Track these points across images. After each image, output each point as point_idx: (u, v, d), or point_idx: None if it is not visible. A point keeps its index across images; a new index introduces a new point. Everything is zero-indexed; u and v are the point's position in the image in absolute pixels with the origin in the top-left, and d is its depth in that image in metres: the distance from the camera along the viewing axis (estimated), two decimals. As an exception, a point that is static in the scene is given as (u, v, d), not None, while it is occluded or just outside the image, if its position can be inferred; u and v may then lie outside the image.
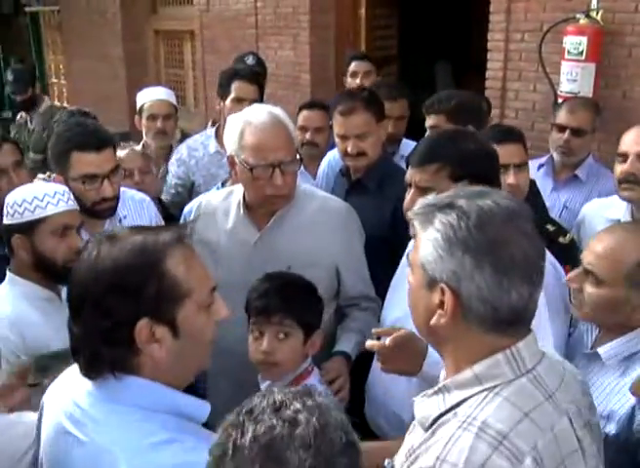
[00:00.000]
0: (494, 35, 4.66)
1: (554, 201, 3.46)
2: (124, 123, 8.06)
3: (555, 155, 3.57)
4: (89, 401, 1.50)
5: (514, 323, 1.35)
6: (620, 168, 2.77)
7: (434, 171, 2.09)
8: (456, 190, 1.47)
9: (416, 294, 1.43)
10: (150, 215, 3.16)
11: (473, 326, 1.35)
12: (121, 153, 3.67)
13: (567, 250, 2.12)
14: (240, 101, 3.83)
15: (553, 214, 3.24)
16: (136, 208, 3.09)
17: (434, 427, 1.36)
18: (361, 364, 2.52)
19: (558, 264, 2.17)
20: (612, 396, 1.95)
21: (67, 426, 1.50)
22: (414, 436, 1.44)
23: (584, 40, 3.96)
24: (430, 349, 1.85)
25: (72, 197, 2.41)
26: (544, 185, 3.43)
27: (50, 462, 1.56)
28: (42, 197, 2.32)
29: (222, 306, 1.59)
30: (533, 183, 3.03)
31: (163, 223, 3.18)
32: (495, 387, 1.34)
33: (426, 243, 1.37)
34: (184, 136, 4.57)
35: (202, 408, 1.54)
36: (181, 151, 4.19)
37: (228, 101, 4.01)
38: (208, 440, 1.20)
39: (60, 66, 11.61)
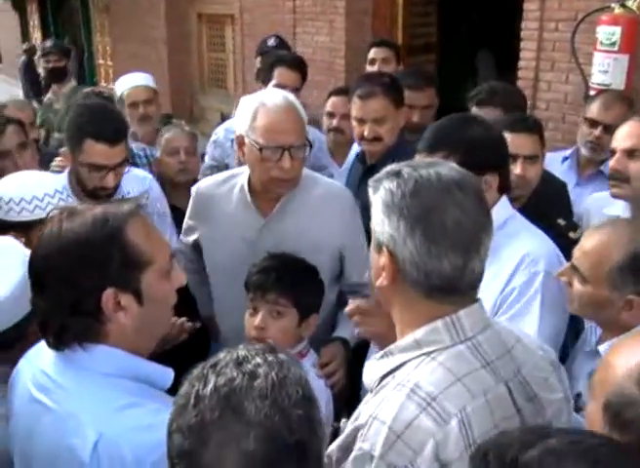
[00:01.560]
0: (527, 24, 4.56)
1: (576, 197, 3.33)
2: (166, 105, 8.15)
3: (583, 150, 3.43)
4: (56, 369, 1.53)
5: (449, 291, 1.39)
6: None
7: (442, 157, 2.01)
8: (412, 160, 1.51)
9: (371, 256, 1.50)
10: (155, 194, 3.17)
11: (411, 290, 1.41)
12: (169, 131, 3.69)
13: (576, 245, 2.06)
14: (282, 89, 3.80)
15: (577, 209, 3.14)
16: (138, 187, 3.09)
17: (377, 389, 1.42)
18: (360, 351, 2.50)
19: (562, 258, 2.12)
20: None
21: (36, 394, 1.54)
22: (365, 396, 1.50)
23: (618, 30, 3.81)
24: None
25: (71, 193, 2.36)
26: (567, 180, 3.29)
27: (20, 431, 1.59)
28: (42, 197, 2.30)
29: (181, 273, 1.64)
30: (561, 182, 2.98)
31: (166, 203, 3.22)
32: (432, 352, 1.39)
33: (374, 208, 1.44)
34: (224, 118, 4.55)
35: (165, 374, 1.57)
36: (219, 133, 4.16)
37: (269, 88, 3.99)
38: (170, 404, 1.23)
39: (107, 48, 11.76)
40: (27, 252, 1.72)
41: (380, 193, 1.43)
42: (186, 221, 2.85)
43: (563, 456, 1.00)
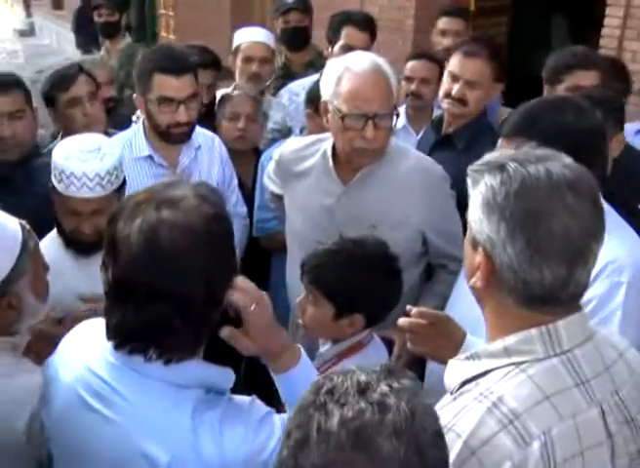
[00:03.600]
0: (614, -12, 4.29)
1: None
2: (225, 58, 8.02)
3: None
4: (114, 374, 1.43)
5: (549, 302, 1.29)
6: None
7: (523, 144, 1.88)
8: (519, 151, 1.37)
9: (466, 250, 1.41)
10: (220, 152, 3.15)
11: (507, 296, 1.31)
12: (233, 93, 3.60)
13: None
14: (349, 49, 3.65)
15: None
16: (208, 142, 3.09)
17: (457, 393, 1.34)
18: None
19: None
20: None
21: (91, 402, 1.43)
22: (444, 397, 1.40)
23: None
24: (469, 342, 1.75)
25: (104, 182, 2.22)
26: None
27: (73, 437, 1.48)
28: (68, 175, 2.19)
29: None
30: (634, 157, 2.76)
31: (231, 162, 3.18)
32: (523, 363, 1.29)
33: (473, 202, 1.33)
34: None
35: (228, 376, 1.48)
36: (283, 95, 4.04)
37: (337, 48, 3.86)
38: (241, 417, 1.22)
39: (169, -2, 11.62)
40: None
41: (480, 188, 1.31)
42: (270, 182, 2.82)
43: None
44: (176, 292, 1.33)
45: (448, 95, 3.03)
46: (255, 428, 1.41)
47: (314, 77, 4.00)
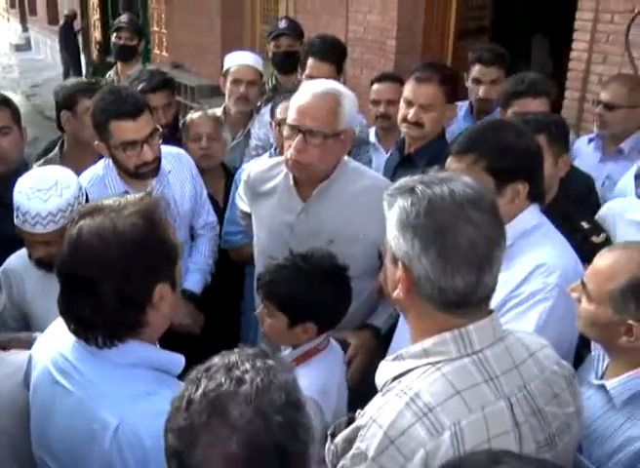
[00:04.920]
0: (582, 14, 4.48)
1: (599, 172, 3.46)
2: (216, 76, 8.16)
3: (595, 128, 3.68)
4: (77, 355, 1.64)
5: (462, 305, 1.44)
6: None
7: (470, 162, 2.04)
8: (424, 175, 1.53)
9: (387, 266, 1.55)
10: (190, 167, 3.25)
11: (426, 303, 1.45)
12: (194, 116, 3.76)
13: (599, 249, 2.00)
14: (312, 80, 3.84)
15: (597, 184, 3.26)
16: (175, 161, 3.17)
17: (385, 390, 1.48)
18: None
19: (580, 265, 2.07)
20: (612, 439, 1.78)
21: (57, 377, 1.65)
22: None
23: (674, 26, 3.76)
24: None
25: (56, 218, 2.32)
26: (593, 157, 3.58)
27: (38, 409, 1.71)
28: (24, 212, 2.31)
29: None
30: (588, 177, 2.94)
31: (200, 176, 3.30)
32: (438, 362, 1.44)
33: (389, 223, 1.48)
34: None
35: (177, 361, 1.68)
36: (265, 113, 4.12)
37: (303, 77, 4.01)
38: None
39: (162, 16, 11.81)
40: None
41: (394, 209, 1.46)
42: (240, 200, 2.98)
43: None
44: (86, 286, 1.55)
45: (404, 119, 3.17)
46: None
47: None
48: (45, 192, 2.31)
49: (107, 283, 1.55)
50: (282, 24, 4.83)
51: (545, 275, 1.98)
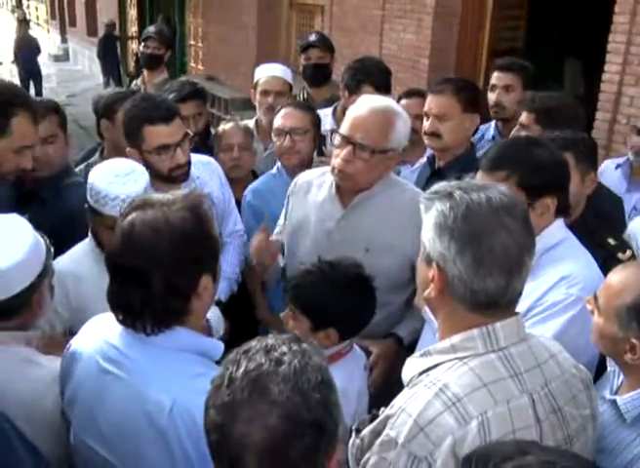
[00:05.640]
0: (615, 37, 4.52)
1: (626, 203, 3.37)
2: (249, 90, 8.24)
3: (630, 155, 3.58)
4: (125, 343, 1.73)
5: (491, 306, 1.51)
6: None
7: (502, 178, 2.09)
8: (461, 181, 1.60)
9: (419, 266, 1.64)
10: (219, 175, 3.34)
11: (457, 303, 1.53)
12: (225, 126, 3.85)
13: None
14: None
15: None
16: (205, 169, 3.25)
17: (412, 384, 1.55)
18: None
19: (604, 280, 2.10)
20: (624, 454, 1.81)
21: (105, 365, 1.73)
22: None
23: None
24: None
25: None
26: (620, 186, 3.48)
27: (87, 399, 1.77)
28: (104, 196, 2.40)
29: None
30: (617, 197, 3.00)
31: (229, 184, 3.40)
32: (465, 357, 1.51)
33: (426, 225, 1.55)
34: None
35: (218, 347, 1.78)
36: None
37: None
38: None
39: (199, 30, 12.02)
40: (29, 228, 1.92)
41: (432, 212, 1.53)
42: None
43: None
44: (137, 276, 1.64)
45: (425, 131, 3.27)
46: None
47: (327, 110, 4.27)
48: (123, 177, 2.45)
49: (158, 273, 1.63)
50: (312, 37, 4.90)
51: (568, 286, 2.05)
